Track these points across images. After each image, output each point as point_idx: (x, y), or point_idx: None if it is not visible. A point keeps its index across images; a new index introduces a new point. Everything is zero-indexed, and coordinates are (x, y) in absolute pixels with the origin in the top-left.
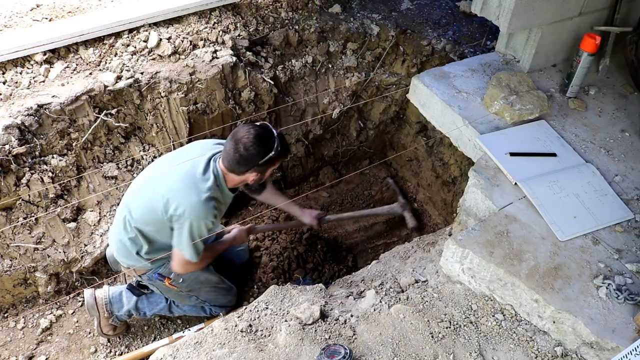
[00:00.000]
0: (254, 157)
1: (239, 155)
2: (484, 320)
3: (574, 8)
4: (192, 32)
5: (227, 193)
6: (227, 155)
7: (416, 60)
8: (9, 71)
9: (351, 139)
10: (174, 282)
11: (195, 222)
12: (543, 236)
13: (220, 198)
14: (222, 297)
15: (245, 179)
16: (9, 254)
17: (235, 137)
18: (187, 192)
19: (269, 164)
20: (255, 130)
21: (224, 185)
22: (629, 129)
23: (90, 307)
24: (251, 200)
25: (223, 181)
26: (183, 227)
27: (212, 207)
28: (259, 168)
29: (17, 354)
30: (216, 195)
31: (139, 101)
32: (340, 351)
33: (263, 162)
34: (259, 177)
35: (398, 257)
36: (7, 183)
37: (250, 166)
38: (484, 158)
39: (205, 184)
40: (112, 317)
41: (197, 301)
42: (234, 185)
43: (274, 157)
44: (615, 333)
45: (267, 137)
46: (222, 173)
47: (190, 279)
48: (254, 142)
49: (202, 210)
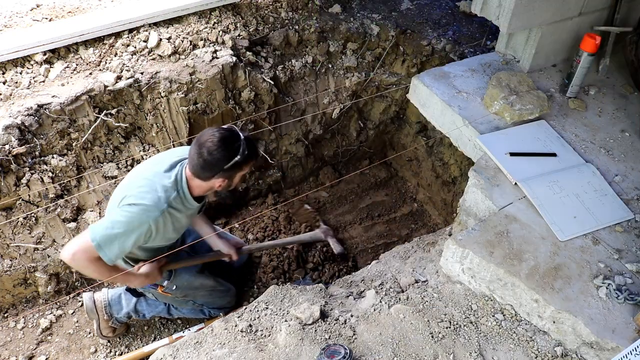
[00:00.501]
0: (218, 162)
1: (203, 160)
2: (484, 320)
3: (574, 8)
4: (192, 32)
5: (190, 202)
6: (191, 160)
7: (416, 60)
8: (9, 71)
9: (351, 139)
10: (167, 289)
11: (135, 216)
12: (543, 236)
13: (179, 205)
14: (219, 299)
15: (212, 186)
16: (9, 254)
17: (199, 141)
18: (145, 188)
19: (236, 169)
20: (220, 133)
21: (186, 192)
22: (629, 129)
23: (89, 310)
24: (251, 200)
25: (186, 188)
26: (119, 213)
27: (161, 210)
28: (225, 173)
29: (17, 354)
30: (173, 199)
31: (139, 101)
32: (340, 351)
33: (229, 166)
34: (227, 183)
35: (398, 257)
36: (7, 183)
37: (215, 171)
38: (484, 158)
39: (164, 184)
40: (111, 319)
41: (195, 305)
42: (202, 192)
43: (240, 162)
44: (615, 333)
45: (233, 140)
46: (187, 179)
47: (184, 285)
48: (218, 146)
49: (148, 209)
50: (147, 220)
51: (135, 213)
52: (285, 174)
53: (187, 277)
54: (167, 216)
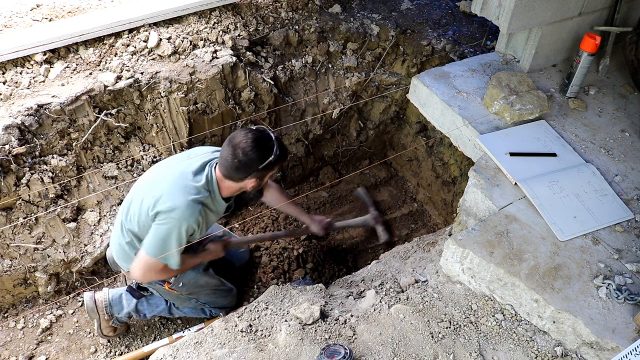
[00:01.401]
0: (253, 162)
1: (238, 161)
2: (484, 320)
3: (574, 8)
4: (192, 32)
5: (220, 201)
6: (225, 161)
7: (416, 60)
8: (9, 71)
9: (351, 139)
10: (174, 286)
11: (176, 222)
12: (543, 236)
13: (210, 204)
14: (222, 299)
15: (243, 186)
16: (9, 254)
17: (233, 142)
18: (176, 191)
19: (269, 169)
20: (254, 134)
21: (217, 193)
22: (629, 129)
23: (90, 310)
24: (250, 201)
25: (217, 188)
26: (161, 225)
27: (197, 211)
28: (258, 173)
29: (17, 354)
30: (205, 200)
31: (139, 101)
32: (340, 351)
33: (263, 167)
34: (258, 183)
35: (398, 257)
36: (7, 183)
37: (249, 172)
38: (484, 158)
39: (196, 186)
40: (112, 319)
41: (197, 304)
42: (230, 193)
43: (274, 162)
44: (615, 333)
45: (266, 140)
46: (217, 180)
47: (190, 282)
48: (252, 147)
49: (186, 211)
50: (187, 223)
51: (174, 220)
52: (285, 174)
53: (194, 275)
54: (202, 214)
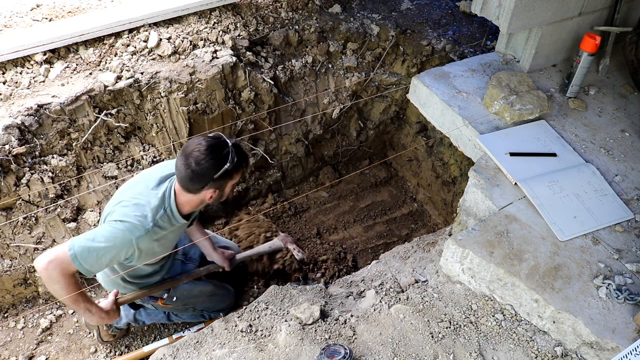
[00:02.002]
0: (208, 172)
1: (191, 172)
2: (484, 320)
3: (574, 8)
4: (192, 32)
5: (178, 219)
6: (179, 172)
7: (416, 60)
8: (9, 71)
9: (351, 139)
10: (167, 301)
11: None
12: (543, 236)
13: (165, 224)
14: (219, 303)
15: (202, 198)
16: (9, 254)
17: (185, 151)
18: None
19: (226, 178)
20: (207, 141)
21: (174, 210)
22: (629, 129)
23: (88, 324)
24: (251, 200)
25: (174, 205)
26: (102, 228)
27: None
28: (215, 183)
29: (17, 354)
30: (158, 220)
31: (139, 101)
32: (340, 351)
33: (219, 175)
34: (218, 194)
35: (398, 257)
36: (7, 183)
37: (205, 182)
38: (484, 158)
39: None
40: (110, 328)
41: (195, 312)
42: (192, 207)
43: (231, 170)
44: (615, 333)
45: (221, 148)
46: (176, 195)
47: (184, 295)
48: (205, 155)
49: (133, 227)
50: (130, 239)
51: (120, 230)
52: (285, 174)
53: (186, 287)
54: (151, 235)
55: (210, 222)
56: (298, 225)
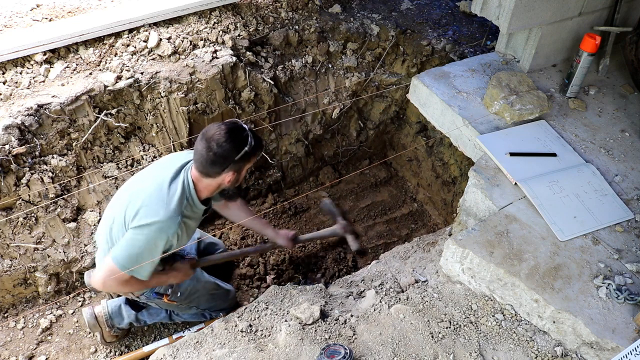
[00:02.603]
0: (229, 154)
1: (213, 154)
2: (484, 320)
3: (574, 8)
4: (192, 32)
5: (198, 206)
6: (200, 157)
7: (416, 60)
8: (9, 71)
9: (351, 139)
10: (172, 297)
11: (154, 235)
12: (543, 236)
13: (189, 213)
14: (221, 302)
15: (221, 182)
16: (9, 254)
17: (206, 135)
18: (156, 205)
19: (245, 160)
20: (227, 126)
21: (194, 198)
22: (629, 129)
23: (92, 326)
24: (251, 200)
25: (194, 192)
26: (137, 236)
27: (177, 224)
28: (235, 166)
29: (17, 354)
30: (184, 210)
31: (139, 101)
32: (340, 351)
33: (239, 157)
34: (236, 177)
35: (398, 257)
36: (7, 183)
37: (226, 165)
38: (484, 158)
39: (173, 198)
40: (113, 329)
41: (198, 310)
42: (209, 193)
43: (249, 152)
44: (615, 333)
45: (240, 131)
46: (194, 182)
47: (188, 291)
48: (227, 138)
49: (165, 225)
50: (166, 236)
51: (153, 231)
52: (285, 174)
53: (190, 282)
54: (182, 226)
55: (209, 221)
56: (298, 225)
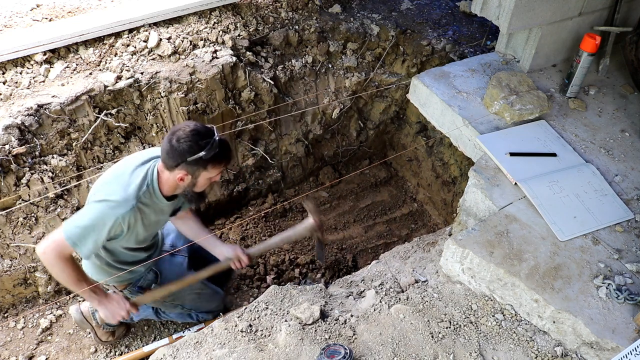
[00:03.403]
0: (183, 152)
1: (170, 146)
2: (484, 320)
3: (574, 8)
4: (192, 32)
5: (159, 198)
6: (163, 145)
7: (416, 60)
8: (9, 71)
9: (351, 139)
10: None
11: (105, 212)
12: (543, 236)
13: (148, 201)
14: (207, 303)
15: (175, 178)
16: (9, 254)
17: (174, 129)
18: (113, 183)
19: (200, 165)
20: (195, 126)
21: (156, 187)
22: (629, 129)
23: (79, 322)
24: (251, 200)
25: (156, 182)
26: (90, 207)
27: (131, 206)
28: (188, 167)
29: (17, 354)
30: (142, 196)
31: (139, 101)
32: (340, 351)
33: (192, 160)
34: (190, 180)
35: (398, 257)
36: (7, 183)
37: (178, 161)
38: (484, 158)
39: (132, 182)
40: (101, 325)
41: (183, 310)
42: (169, 188)
43: (205, 160)
44: (615, 333)
45: (204, 136)
46: (158, 174)
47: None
48: (187, 136)
49: (119, 204)
50: (115, 216)
51: (105, 208)
52: (285, 174)
53: (174, 279)
54: (137, 212)
55: (209, 221)
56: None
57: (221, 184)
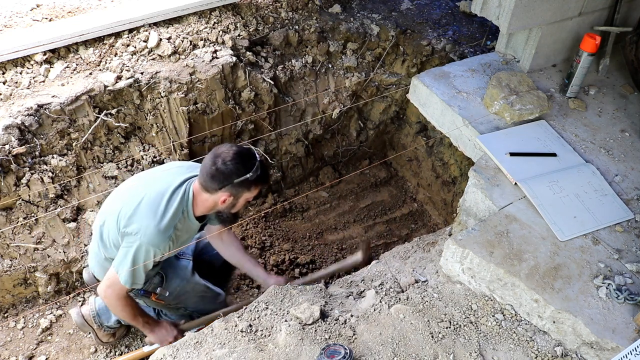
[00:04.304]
0: (230, 174)
1: (215, 169)
2: (484, 320)
3: (574, 8)
4: (192, 32)
5: (192, 221)
6: (204, 169)
7: (416, 60)
8: (9, 71)
9: (351, 139)
10: (160, 296)
11: (144, 245)
12: (543, 236)
13: (182, 227)
14: (209, 305)
15: (217, 200)
16: (9, 254)
17: (216, 151)
18: (147, 215)
19: (244, 187)
20: (239, 148)
21: (190, 212)
22: (629, 129)
23: (80, 325)
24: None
25: (191, 206)
26: (131, 246)
27: (168, 237)
28: (232, 189)
29: (17, 354)
30: (177, 224)
31: (139, 101)
32: (340, 351)
33: (238, 181)
34: (232, 201)
35: (398, 257)
36: (7, 183)
37: (224, 183)
38: (484, 158)
39: (169, 210)
40: (102, 327)
41: (186, 312)
42: (204, 209)
43: (251, 180)
44: (615, 333)
45: (249, 157)
46: (193, 196)
47: (176, 291)
48: (233, 158)
49: (156, 237)
50: (154, 248)
51: (143, 242)
52: (285, 174)
53: (179, 282)
54: (172, 239)
55: None
56: (298, 225)
57: None
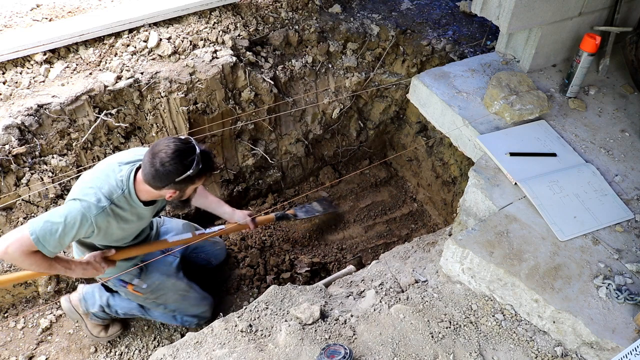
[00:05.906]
0: (170, 174)
1: (155, 170)
2: (484, 320)
3: (574, 8)
4: (192, 32)
5: (137, 203)
6: (144, 167)
7: (416, 60)
8: (9, 71)
9: (351, 139)
10: (137, 288)
11: (76, 212)
12: (543, 236)
13: (123, 205)
14: (192, 307)
15: (162, 195)
16: None
17: (153, 150)
18: (86, 184)
19: (188, 182)
20: (175, 145)
21: (132, 193)
22: (629, 129)
23: (69, 312)
24: (251, 200)
25: (132, 188)
26: (61, 207)
27: (102, 208)
28: (176, 186)
29: (17, 354)
30: (116, 200)
31: (139, 101)
32: (340, 351)
33: (180, 180)
34: (178, 194)
35: (398, 257)
36: (7, 183)
37: (165, 183)
38: (484, 158)
39: (107, 184)
40: (89, 314)
41: (166, 310)
42: (149, 197)
43: (193, 176)
44: (615, 333)
45: (187, 154)
46: (136, 181)
47: (155, 285)
48: (171, 158)
49: (90, 205)
50: (87, 217)
51: (76, 209)
52: (285, 174)
53: (159, 276)
54: (109, 213)
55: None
56: (298, 225)
57: (221, 184)
